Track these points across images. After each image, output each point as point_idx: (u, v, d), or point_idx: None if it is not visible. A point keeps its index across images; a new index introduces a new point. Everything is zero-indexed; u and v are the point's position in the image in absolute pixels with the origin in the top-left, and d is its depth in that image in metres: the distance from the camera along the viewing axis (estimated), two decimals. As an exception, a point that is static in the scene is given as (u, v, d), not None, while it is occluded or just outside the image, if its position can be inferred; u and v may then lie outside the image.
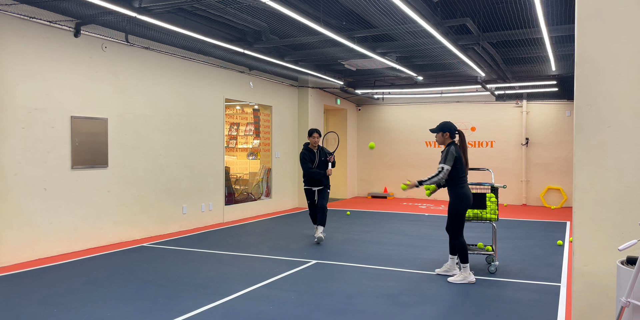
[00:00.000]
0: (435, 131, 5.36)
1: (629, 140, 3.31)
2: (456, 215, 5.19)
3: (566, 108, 12.34)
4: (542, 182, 12.60)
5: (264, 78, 10.67)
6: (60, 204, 6.50)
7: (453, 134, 5.31)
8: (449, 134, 5.30)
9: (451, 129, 5.30)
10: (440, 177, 5.11)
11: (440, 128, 5.32)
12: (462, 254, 5.19)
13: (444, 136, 5.31)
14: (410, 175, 13.95)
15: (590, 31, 3.39)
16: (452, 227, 5.23)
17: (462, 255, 5.20)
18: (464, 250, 5.19)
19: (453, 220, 5.21)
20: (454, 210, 5.19)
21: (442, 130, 5.31)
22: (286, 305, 4.45)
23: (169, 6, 5.97)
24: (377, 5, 6.13)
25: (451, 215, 5.22)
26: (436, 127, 5.36)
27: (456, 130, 5.34)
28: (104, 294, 4.73)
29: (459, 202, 5.17)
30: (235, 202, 10.14)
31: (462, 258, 5.20)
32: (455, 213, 5.19)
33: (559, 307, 4.43)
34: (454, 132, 5.31)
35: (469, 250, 5.87)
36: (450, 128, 5.30)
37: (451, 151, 5.15)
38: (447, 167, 5.09)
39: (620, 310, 2.68)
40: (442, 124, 5.33)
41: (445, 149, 5.23)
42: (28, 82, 6.11)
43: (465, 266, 5.22)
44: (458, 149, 5.21)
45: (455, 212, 5.19)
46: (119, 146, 7.31)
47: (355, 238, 7.80)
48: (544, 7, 5.90)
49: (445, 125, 5.31)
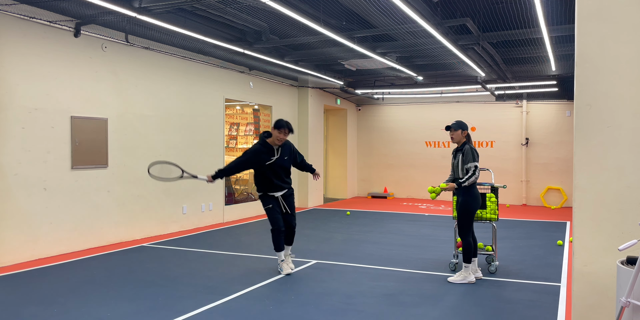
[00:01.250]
0: (455, 128, 5.24)
1: (629, 140, 3.31)
2: (467, 213, 5.16)
3: (566, 108, 12.34)
4: (542, 182, 12.60)
5: (264, 78, 10.67)
6: (60, 204, 6.50)
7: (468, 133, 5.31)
8: (467, 132, 5.27)
9: (467, 128, 5.29)
10: (477, 175, 5.08)
11: (459, 125, 5.24)
12: (467, 254, 5.18)
13: (463, 134, 5.24)
14: (410, 175, 13.96)
15: (590, 31, 3.39)
16: (462, 225, 5.18)
17: (466, 255, 5.18)
18: (468, 251, 5.17)
19: (463, 217, 5.17)
20: (466, 209, 5.15)
21: (460, 127, 5.23)
22: (286, 305, 4.45)
23: (169, 6, 5.97)
24: (377, 5, 6.13)
25: (462, 213, 5.17)
26: (454, 124, 5.25)
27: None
28: (104, 294, 4.73)
29: (472, 200, 5.13)
30: (235, 202, 10.14)
31: (466, 258, 5.19)
32: (467, 211, 5.15)
33: (559, 307, 4.43)
34: (468, 131, 5.32)
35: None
36: (467, 127, 5.30)
37: (473, 149, 5.14)
38: (477, 164, 5.07)
39: (620, 310, 2.68)
40: (459, 122, 5.27)
41: (464, 148, 5.17)
42: (28, 82, 6.11)
43: (467, 266, 5.22)
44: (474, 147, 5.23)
45: (466, 211, 5.15)
46: (119, 146, 7.31)
47: (355, 238, 7.80)
48: (544, 7, 5.90)
49: (463, 123, 5.27)
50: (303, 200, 11.90)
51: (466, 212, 5.16)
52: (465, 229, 5.18)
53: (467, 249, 5.17)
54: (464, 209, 5.16)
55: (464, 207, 5.16)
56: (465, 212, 5.16)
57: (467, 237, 5.17)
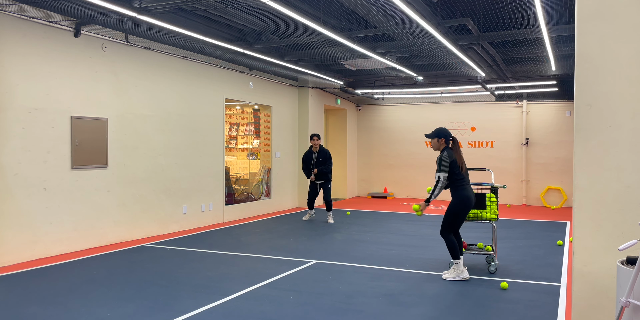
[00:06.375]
0: (431, 137, 5.47)
1: (629, 140, 3.31)
2: (452, 214, 5.29)
3: (566, 108, 12.34)
4: (542, 182, 12.60)
5: (264, 78, 10.67)
6: (60, 204, 6.50)
7: (447, 140, 5.42)
8: (444, 139, 5.41)
9: (446, 135, 5.42)
10: (440, 186, 5.25)
11: (436, 134, 5.43)
12: (452, 251, 5.28)
13: (439, 142, 5.42)
14: (410, 175, 13.96)
15: (590, 31, 3.39)
16: (444, 225, 5.32)
17: (452, 252, 5.29)
18: (453, 248, 5.27)
19: (447, 218, 5.31)
20: (452, 210, 5.30)
21: (437, 135, 5.42)
22: (286, 305, 4.45)
23: (169, 6, 5.97)
24: (377, 5, 6.13)
25: (448, 213, 5.32)
26: (432, 133, 5.47)
27: (451, 136, 5.45)
28: (104, 294, 4.73)
29: (459, 202, 5.27)
30: (235, 202, 10.14)
31: (453, 255, 5.30)
32: (452, 212, 5.29)
33: (559, 307, 4.43)
34: (448, 138, 5.43)
35: (469, 250, 5.92)
36: (446, 134, 5.42)
37: (444, 158, 5.27)
38: (443, 174, 5.24)
39: (620, 310, 2.68)
40: (437, 130, 5.44)
41: (439, 156, 5.34)
42: (28, 82, 6.11)
43: (458, 262, 5.29)
44: (452, 153, 5.31)
45: (452, 211, 5.30)
46: (119, 146, 7.31)
47: (355, 238, 7.80)
48: (544, 7, 5.90)
49: (441, 131, 5.43)
50: (303, 201, 11.91)
51: (451, 214, 5.31)
52: (447, 228, 5.31)
53: (452, 246, 5.28)
54: (450, 211, 5.32)
55: (450, 209, 5.33)
56: (451, 213, 5.31)
57: (448, 235, 5.30)
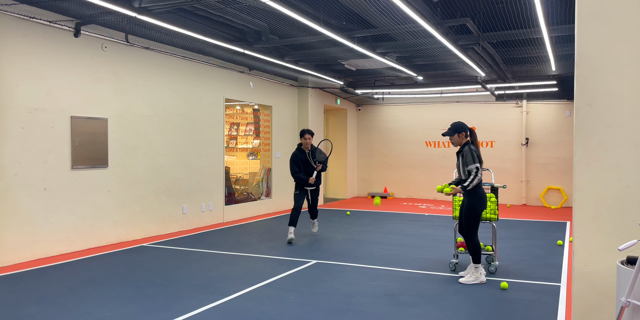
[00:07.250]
0: (450, 134, 5.26)
1: (629, 140, 3.31)
2: (475, 214, 5.14)
3: (566, 108, 12.34)
4: (542, 182, 12.60)
5: (264, 78, 10.67)
6: (60, 204, 6.50)
7: (467, 134, 5.25)
8: (464, 133, 5.24)
9: (465, 129, 5.24)
10: (479, 177, 5.04)
11: (454, 130, 5.23)
12: (476, 254, 5.17)
13: (460, 136, 5.23)
14: (410, 175, 13.95)
15: (590, 31, 3.39)
16: (470, 226, 5.16)
17: (475, 256, 5.18)
18: (477, 251, 5.16)
19: (473, 218, 5.14)
20: (474, 210, 5.13)
21: (456, 131, 5.22)
22: (286, 305, 4.45)
23: (169, 6, 5.97)
24: (377, 5, 6.13)
25: (470, 214, 5.15)
26: (449, 130, 5.25)
27: (468, 128, 5.29)
28: (104, 294, 4.73)
29: (479, 201, 5.12)
30: (235, 202, 10.14)
31: (476, 259, 5.19)
32: (475, 213, 5.14)
33: (559, 307, 4.43)
34: (467, 131, 5.25)
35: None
36: (464, 127, 5.24)
37: (473, 150, 5.09)
38: (477, 165, 5.04)
39: (620, 310, 2.68)
40: (455, 126, 5.25)
41: (464, 150, 5.15)
42: (28, 82, 6.11)
43: (478, 266, 5.21)
44: (475, 148, 5.17)
45: (474, 212, 5.14)
46: (119, 146, 7.31)
47: (355, 238, 7.80)
48: (544, 7, 5.90)
49: (459, 126, 5.24)
50: (303, 200, 11.90)
51: (473, 214, 5.14)
52: (473, 230, 5.17)
53: (476, 250, 5.16)
54: (470, 211, 5.15)
55: (470, 208, 5.15)
56: (472, 213, 5.14)
57: (475, 238, 5.17)
